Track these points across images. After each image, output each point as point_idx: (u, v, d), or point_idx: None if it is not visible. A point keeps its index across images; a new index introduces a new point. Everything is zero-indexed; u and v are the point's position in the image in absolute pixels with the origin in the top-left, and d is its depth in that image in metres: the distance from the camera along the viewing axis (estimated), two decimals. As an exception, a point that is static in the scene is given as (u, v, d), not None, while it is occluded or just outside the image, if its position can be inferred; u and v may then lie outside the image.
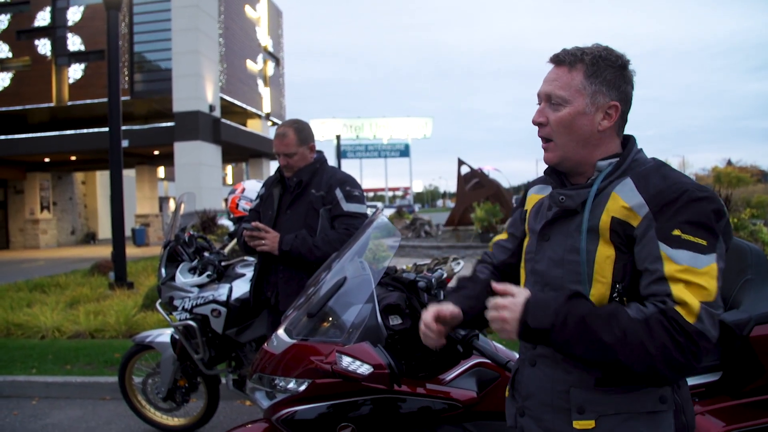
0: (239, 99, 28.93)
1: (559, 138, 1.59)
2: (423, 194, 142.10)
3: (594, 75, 1.55)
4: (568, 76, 1.57)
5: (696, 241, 1.40)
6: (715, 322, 1.37)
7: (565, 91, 1.57)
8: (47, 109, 26.55)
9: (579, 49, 1.58)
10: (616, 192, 1.52)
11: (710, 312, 1.36)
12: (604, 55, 1.56)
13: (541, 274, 1.64)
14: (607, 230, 1.51)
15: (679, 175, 1.52)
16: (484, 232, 16.73)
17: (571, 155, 1.60)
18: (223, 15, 26.95)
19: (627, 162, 1.57)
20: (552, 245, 1.62)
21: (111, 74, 10.62)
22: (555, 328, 1.41)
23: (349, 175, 3.60)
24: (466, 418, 2.18)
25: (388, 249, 2.65)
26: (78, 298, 9.56)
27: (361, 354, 1.91)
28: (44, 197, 29.46)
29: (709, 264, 1.39)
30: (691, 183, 1.47)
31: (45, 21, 26.03)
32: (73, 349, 6.47)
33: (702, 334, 1.34)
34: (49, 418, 4.94)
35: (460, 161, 19.18)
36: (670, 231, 1.42)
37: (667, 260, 1.41)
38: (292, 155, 3.46)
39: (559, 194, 1.60)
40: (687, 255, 1.40)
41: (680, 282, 1.38)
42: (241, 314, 3.86)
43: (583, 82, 1.55)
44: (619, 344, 1.36)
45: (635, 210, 1.48)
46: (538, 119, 1.62)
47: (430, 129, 59.50)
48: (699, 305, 1.35)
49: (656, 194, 1.47)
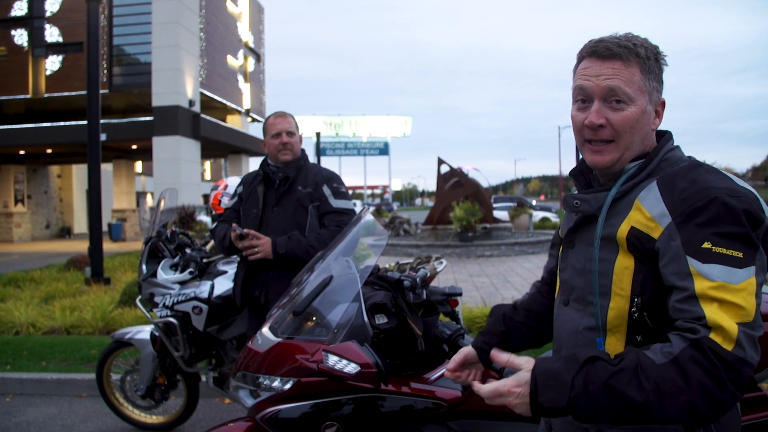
0: (219, 94, 28.73)
1: (622, 140, 1.42)
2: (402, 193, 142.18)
3: (649, 70, 1.42)
4: (627, 71, 1.40)
5: (730, 253, 1.24)
6: (755, 345, 1.21)
7: (630, 87, 1.40)
8: (23, 101, 26.13)
9: (628, 40, 1.42)
10: (639, 200, 1.38)
11: (749, 335, 1.20)
12: (650, 47, 1.43)
13: (567, 283, 1.53)
14: (624, 240, 1.37)
15: (714, 177, 1.34)
16: (463, 231, 16.79)
17: (628, 157, 1.45)
18: (204, 9, 26.73)
19: (654, 162, 1.43)
20: (575, 253, 1.52)
21: (90, 67, 10.48)
22: (574, 403, 1.22)
23: (333, 172, 3.62)
24: (451, 417, 2.19)
25: (373, 248, 2.65)
26: (53, 294, 9.47)
27: (347, 353, 1.91)
28: (18, 190, 29.01)
29: (747, 279, 1.23)
30: (724, 186, 1.30)
31: (22, 11, 25.60)
32: (48, 345, 6.38)
33: (743, 362, 1.18)
34: (24, 415, 4.87)
35: (440, 160, 19.22)
36: (700, 244, 1.26)
37: (698, 276, 1.25)
38: (292, 134, 3.52)
39: (573, 198, 1.49)
40: (720, 270, 1.23)
41: (714, 301, 1.22)
42: (222, 312, 3.84)
43: (642, 79, 1.41)
44: (654, 399, 1.18)
45: (657, 220, 1.33)
46: (598, 120, 1.42)
47: (410, 128, 59.65)
48: (737, 328, 1.19)
49: (681, 202, 1.31)
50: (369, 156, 60.71)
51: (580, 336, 1.47)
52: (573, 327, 1.49)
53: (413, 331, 2.17)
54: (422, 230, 19.76)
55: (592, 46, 1.44)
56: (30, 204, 30.00)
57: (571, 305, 1.51)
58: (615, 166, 1.45)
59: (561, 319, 1.56)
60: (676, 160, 1.43)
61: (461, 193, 18.35)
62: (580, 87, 1.45)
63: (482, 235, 17.36)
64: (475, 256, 15.79)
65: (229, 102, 30.17)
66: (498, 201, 28.94)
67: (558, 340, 1.57)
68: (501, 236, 17.86)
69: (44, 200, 31.49)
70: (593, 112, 1.43)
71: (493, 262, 14.54)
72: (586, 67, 1.44)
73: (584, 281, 1.46)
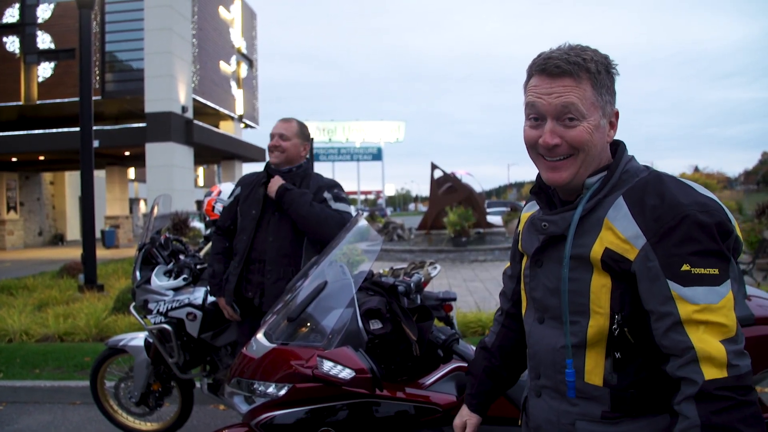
0: (212, 100, 28.67)
1: (578, 155, 1.41)
2: (395, 198, 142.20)
3: (600, 84, 1.40)
4: (578, 89, 1.38)
5: (708, 272, 1.25)
6: (744, 354, 1.25)
7: (582, 104, 1.38)
8: (15, 108, 25.97)
9: (577, 55, 1.39)
10: (609, 219, 1.36)
11: (736, 350, 1.23)
12: (600, 60, 1.40)
13: (539, 302, 1.52)
14: (599, 261, 1.37)
15: (680, 191, 1.33)
16: (457, 236, 16.82)
17: (585, 173, 1.43)
18: (197, 16, 26.70)
19: (616, 175, 1.41)
20: (545, 272, 1.50)
21: (82, 73, 10.48)
22: None
23: (335, 181, 3.66)
24: (446, 422, 2.19)
25: (367, 253, 2.65)
26: (46, 301, 9.41)
27: (342, 358, 1.91)
28: (11, 197, 28.87)
29: (726, 294, 1.26)
30: (692, 201, 1.30)
31: (14, 18, 25.47)
32: (41, 353, 6.35)
33: (741, 377, 1.22)
34: (17, 423, 4.85)
35: (433, 165, 19.24)
36: (679, 267, 1.26)
37: (680, 301, 1.26)
38: (286, 138, 3.52)
39: (541, 221, 1.48)
40: (701, 291, 1.25)
41: (699, 325, 1.24)
42: (216, 318, 3.83)
43: (594, 94, 1.39)
44: None
45: (631, 242, 1.32)
46: (552, 141, 1.40)
47: (403, 133, 59.56)
48: (724, 350, 1.22)
49: (653, 221, 1.30)
50: (362, 161, 60.69)
51: (558, 354, 1.47)
52: (551, 345, 1.49)
53: (408, 336, 2.18)
54: (416, 235, 19.77)
55: (541, 64, 1.41)
56: (22, 211, 29.85)
57: (547, 323, 1.51)
58: (573, 182, 1.44)
59: (536, 336, 1.56)
60: (635, 171, 1.42)
61: (455, 198, 18.38)
62: (532, 104, 1.43)
63: (476, 240, 17.39)
64: (468, 261, 15.80)
65: (222, 108, 30.11)
66: (491, 206, 28.95)
67: (534, 358, 1.57)
68: (494, 241, 17.87)
69: (37, 207, 31.35)
70: (547, 133, 1.41)
71: (487, 266, 14.55)
72: (536, 85, 1.42)
73: (559, 300, 1.45)
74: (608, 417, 1.40)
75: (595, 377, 1.41)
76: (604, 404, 1.41)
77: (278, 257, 3.43)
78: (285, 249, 3.43)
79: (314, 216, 3.33)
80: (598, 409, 1.42)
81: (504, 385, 1.82)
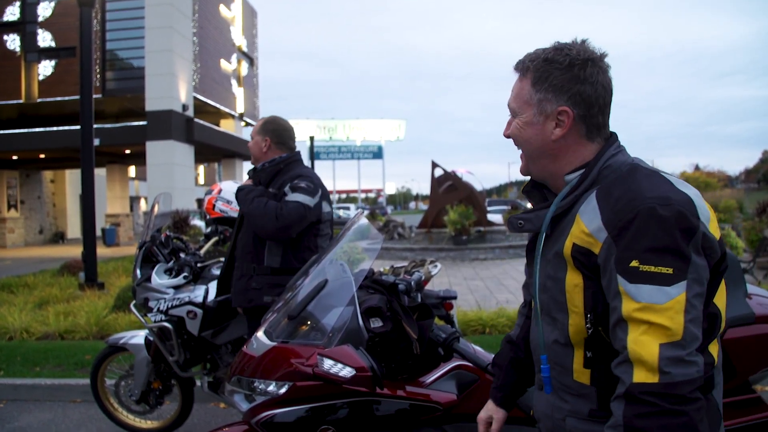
0: (213, 99, 28.68)
1: (523, 150, 1.50)
2: (395, 196, 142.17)
3: (540, 81, 1.42)
4: (518, 85, 1.47)
5: (659, 271, 1.21)
6: (682, 363, 1.20)
7: (516, 102, 1.47)
8: (16, 106, 25.99)
9: (530, 55, 1.46)
10: (579, 213, 1.36)
11: (674, 357, 1.19)
12: (550, 57, 1.41)
13: (535, 298, 1.53)
14: (570, 257, 1.36)
15: (649, 183, 1.30)
16: (457, 235, 16.81)
17: (532, 168, 1.51)
18: (198, 14, 26.69)
19: (594, 171, 1.40)
20: (533, 269, 1.52)
21: (83, 72, 10.47)
22: None
23: (305, 172, 3.55)
24: (446, 421, 2.19)
25: (368, 251, 2.65)
26: (47, 299, 9.41)
27: (343, 357, 1.91)
28: (11, 195, 28.89)
29: (676, 296, 1.21)
30: (656, 195, 1.26)
31: (14, 16, 25.49)
32: (42, 351, 6.35)
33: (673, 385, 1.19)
34: (17, 421, 4.85)
35: (434, 164, 19.23)
36: (628, 262, 1.24)
37: (625, 297, 1.24)
38: (251, 139, 3.65)
39: (518, 219, 1.51)
40: (647, 290, 1.22)
41: (640, 324, 1.22)
42: (217, 316, 3.84)
43: (530, 91, 1.43)
44: None
45: (595, 235, 1.31)
46: (505, 132, 1.53)
47: (404, 131, 59.63)
48: (657, 356, 1.19)
49: (614, 215, 1.28)
50: (363, 160, 60.72)
51: (550, 350, 1.50)
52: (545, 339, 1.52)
53: (408, 334, 2.18)
54: (416, 234, 19.75)
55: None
56: (23, 209, 29.87)
57: (543, 318, 1.53)
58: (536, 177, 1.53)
59: (533, 331, 1.61)
60: (618, 166, 1.39)
61: (455, 197, 18.36)
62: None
63: (476, 239, 17.37)
64: (469, 260, 15.81)
65: (222, 106, 30.12)
66: (492, 204, 28.92)
67: (536, 352, 1.59)
68: (495, 239, 17.86)
69: (37, 205, 31.37)
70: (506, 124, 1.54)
71: (488, 265, 14.55)
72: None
73: (547, 297, 1.47)
74: (596, 415, 1.41)
75: (583, 376, 1.43)
76: (592, 403, 1.42)
77: (243, 254, 3.53)
78: (248, 246, 3.51)
79: (253, 212, 3.36)
80: (586, 407, 1.43)
81: (529, 377, 1.79)
